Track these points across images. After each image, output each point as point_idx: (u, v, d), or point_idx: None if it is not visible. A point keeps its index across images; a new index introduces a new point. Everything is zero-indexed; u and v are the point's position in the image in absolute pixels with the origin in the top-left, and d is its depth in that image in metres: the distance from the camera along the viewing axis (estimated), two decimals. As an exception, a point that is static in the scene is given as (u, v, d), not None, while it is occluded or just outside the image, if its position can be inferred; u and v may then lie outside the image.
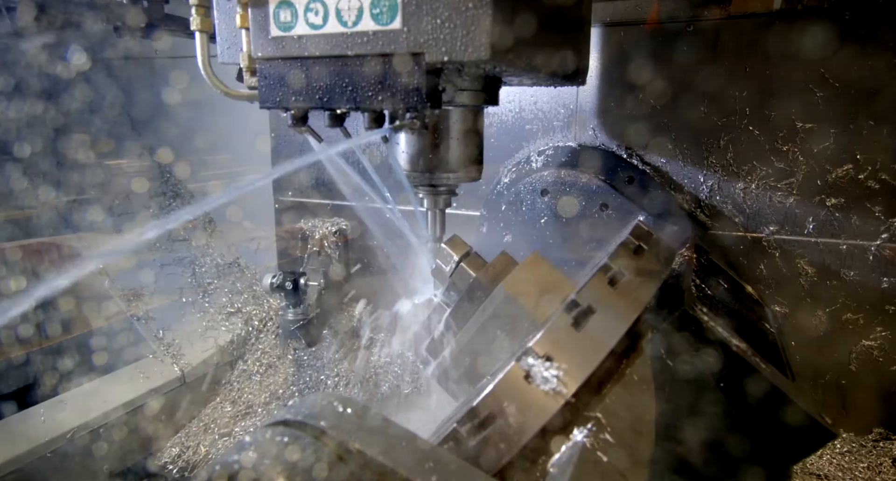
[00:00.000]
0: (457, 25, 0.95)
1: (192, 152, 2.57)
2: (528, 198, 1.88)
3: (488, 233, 1.96)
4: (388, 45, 1.00)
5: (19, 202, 2.24)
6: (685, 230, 1.73)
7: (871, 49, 1.53)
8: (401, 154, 1.37)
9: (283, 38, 1.08)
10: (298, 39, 1.06)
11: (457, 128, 1.33)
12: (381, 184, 1.63)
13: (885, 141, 1.55)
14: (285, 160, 2.41)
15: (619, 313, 0.93)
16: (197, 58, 1.22)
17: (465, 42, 0.95)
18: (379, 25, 1.00)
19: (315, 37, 1.05)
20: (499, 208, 1.94)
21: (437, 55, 0.97)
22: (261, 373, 2.27)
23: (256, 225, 2.54)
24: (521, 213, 1.90)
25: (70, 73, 2.31)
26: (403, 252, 1.86)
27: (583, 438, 0.82)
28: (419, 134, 1.33)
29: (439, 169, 1.35)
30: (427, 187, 1.42)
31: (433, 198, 1.45)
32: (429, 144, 1.33)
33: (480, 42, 0.94)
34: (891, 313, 1.62)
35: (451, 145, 1.34)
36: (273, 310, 2.44)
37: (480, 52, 0.95)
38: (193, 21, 1.19)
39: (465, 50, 0.95)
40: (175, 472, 1.94)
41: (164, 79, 2.52)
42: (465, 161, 1.37)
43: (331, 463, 0.61)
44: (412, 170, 1.37)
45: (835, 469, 1.61)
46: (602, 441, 0.82)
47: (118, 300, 2.22)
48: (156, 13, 1.72)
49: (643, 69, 1.75)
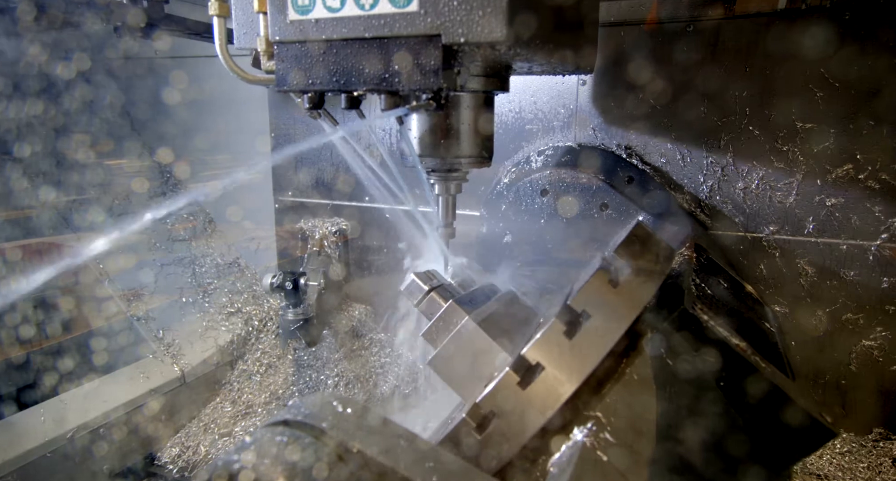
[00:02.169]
0: (473, 7, 0.96)
1: (192, 152, 2.57)
2: (528, 198, 1.88)
3: (488, 233, 1.96)
4: (406, 28, 1.02)
5: (19, 202, 2.24)
6: (685, 229, 1.73)
7: (871, 49, 1.53)
8: (413, 139, 1.38)
9: (301, 21, 1.09)
10: (316, 23, 1.08)
11: (468, 114, 1.34)
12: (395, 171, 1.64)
13: (885, 141, 1.55)
14: (284, 160, 2.41)
15: (617, 314, 0.93)
16: (215, 42, 1.25)
17: (482, 24, 0.97)
18: (396, 8, 1.02)
19: (333, 20, 1.07)
20: (499, 208, 1.94)
21: (454, 37, 0.99)
22: (261, 373, 2.27)
23: (256, 225, 2.54)
24: (521, 213, 1.90)
25: (70, 73, 2.31)
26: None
27: (583, 438, 0.82)
28: (432, 118, 1.34)
29: (451, 153, 1.37)
30: (439, 172, 1.44)
31: (445, 183, 1.47)
32: (441, 129, 1.34)
33: (497, 24, 0.96)
34: (891, 313, 1.62)
35: (462, 130, 1.35)
36: (273, 310, 2.44)
37: (497, 33, 0.96)
38: (211, 6, 1.21)
39: (482, 32, 0.97)
40: (175, 472, 1.94)
41: (164, 79, 2.52)
42: (477, 146, 1.39)
43: (331, 463, 0.61)
44: (424, 154, 1.38)
45: (835, 469, 1.61)
46: (602, 440, 0.82)
47: (118, 300, 2.21)
48: (156, 13, 1.72)
49: (643, 69, 1.75)
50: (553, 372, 0.90)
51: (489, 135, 1.43)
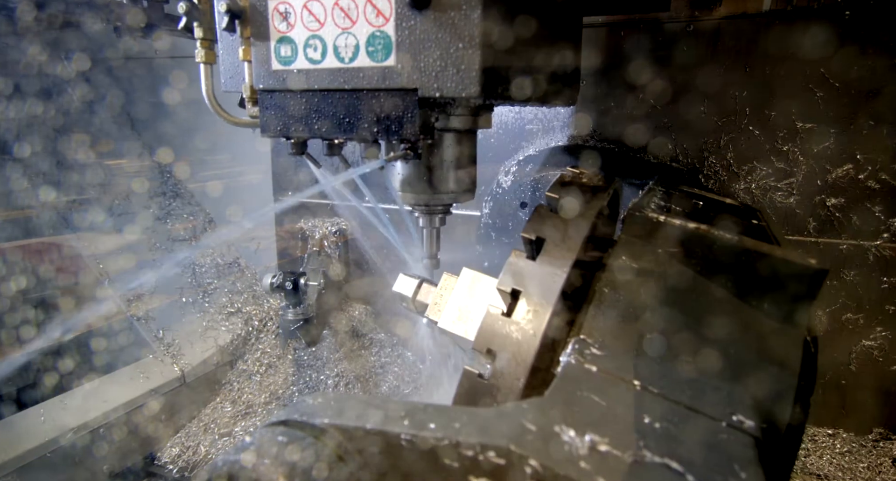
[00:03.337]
0: (448, 64, 1.01)
1: (192, 152, 2.57)
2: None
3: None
4: (383, 81, 1.06)
5: (19, 202, 2.24)
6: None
7: (870, 49, 1.53)
8: (396, 176, 1.41)
9: (284, 71, 1.14)
10: (298, 73, 1.13)
11: (450, 152, 1.36)
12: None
13: (885, 141, 1.55)
14: (285, 160, 2.41)
15: (569, 230, 0.97)
16: (202, 88, 1.29)
17: (456, 80, 1.01)
18: (374, 62, 1.06)
19: (314, 71, 1.11)
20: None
21: (430, 91, 1.03)
22: (261, 373, 2.27)
23: (256, 225, 2.54)
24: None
25: (70, 73, 2.31)
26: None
27: (567, 358, 0.84)
28: (413, 160, 1.36)
29: (434, 191, 1.38)
30: (422, 207, 1.45)
31: (428, 217, 1.48)
32: (423, 168, 1.36)
33: (470, 80, 1.00)
34: (891, 313, 1.62)
35: (445, 168, 1.37)
36: (273, 310, 2.44)
37: (471, 89, 1.00)
38: (198, 54, 1.24)
39: (457, 87, 1.01)
40: (175, 472, 1.94)
41: (164, 79, 2.52)
42: (459, 182, 1.40)
43: (331, 463, 0.61)
44: (407, 192, 1.40)
45: (835, 469, 1.61)
46: (589, 355, 0.84)
47: (118, 300, 2.22)
48: (156, 13, 1.72)
49: (643, 69, 1.75)
50: (529, 294, 0.94)
51: (472, 171, 1.44)
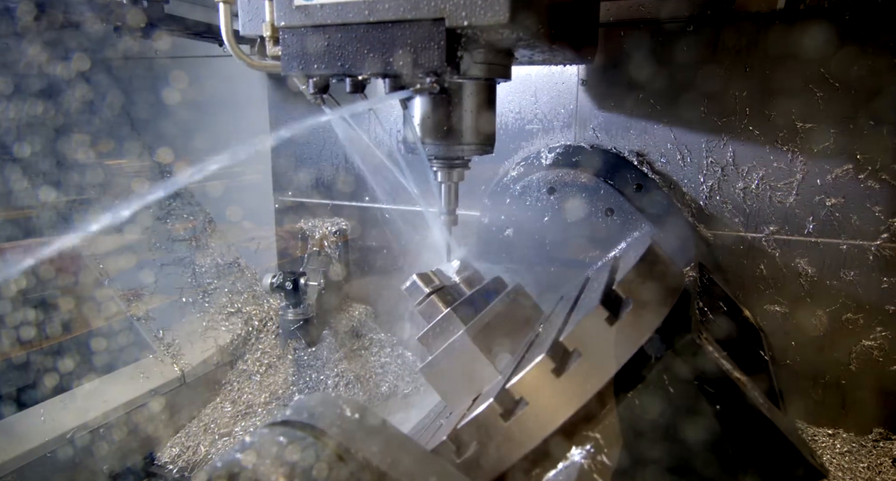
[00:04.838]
0: None
1: (192, 152, 2.57)
2: (534, 194, 1.86)
3: (489, 224, 1.95)
4: (410, 11, 1.03)
5: (19, 202, 2.24)
6: (689, 244, 1.72)
7: (871, 49, 1.52)
8: (416, 125, 1.39)
9: (307, 6, 1.11)
10: (321, 7, 1.09)
11: (471, 101, 1.35)
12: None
13: (885, 141, 1.55)
14: (284, 160, 2.41)
15: (609, 355, 0.89)
16: (221, 28, 1.28)
17: (485, 6, 0.97)
18: None
19: (337, 4, 1.08)
20: (503, 201, 1.92)
21: (458, 20, 1.00)
22: (261, 373, 2.27)
23: (256, 225, 2.54)
24: (525, 208, 1.88)
25: (70, 73, 2.31)
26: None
27: (580, 459, 0.81)
28: (435, 105, 1.35)
29: (454, 140, 1.38)
30: (441, 159, 1.44)
31: (447, 170, 1.47)
32: (444, 116, 1.35)
33: (500, 6, 0.97)
34: (891, 313, 1.62)
35: (465, 117, 1.36)
36: (273, 310, 2.44)
37: (500, 15, 0.97)
38: None
39: (486, 15, 0.98)
40: (175, 472, 1.94)
41: (164, 79, 2.52)
42: (479, 133, 1.39)
43: (331, 464, 0.61)
44: (427, 141, 1.39)
45: (835, 469, 1.61)
46: (599, 463, 0.81)
47: (118, 300, 2.21)
48: (156, 13, 1.72)
49: (643, 69, 1.75)
50: (536, 409, 0.87)
51: (491, 123, 1.44)
